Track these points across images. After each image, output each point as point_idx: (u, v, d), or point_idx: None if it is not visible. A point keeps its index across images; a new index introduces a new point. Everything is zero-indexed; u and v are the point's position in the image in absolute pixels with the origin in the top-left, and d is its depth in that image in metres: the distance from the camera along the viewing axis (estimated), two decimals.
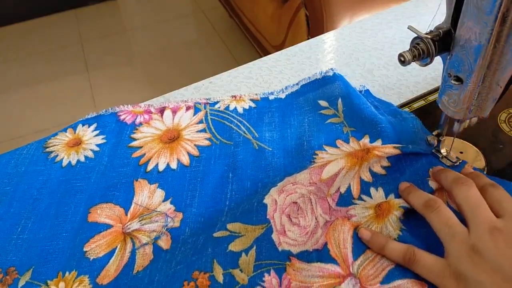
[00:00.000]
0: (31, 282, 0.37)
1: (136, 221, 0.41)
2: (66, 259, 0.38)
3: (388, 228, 0.37)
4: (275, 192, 0.40)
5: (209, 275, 0.35)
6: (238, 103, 0.52)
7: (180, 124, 0.50)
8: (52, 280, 0.37)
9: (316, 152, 0.46)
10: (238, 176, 0.44)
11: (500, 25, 0.30)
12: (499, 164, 0.43)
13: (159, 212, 0.42)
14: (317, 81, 0.53)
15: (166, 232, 0.40)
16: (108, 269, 0.38)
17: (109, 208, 0.42)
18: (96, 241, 0.39)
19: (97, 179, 0.45)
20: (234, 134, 0.49)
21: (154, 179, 0.44)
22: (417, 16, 0.68)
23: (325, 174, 0.41)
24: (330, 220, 0.39)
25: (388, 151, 0.42)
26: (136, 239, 0.40)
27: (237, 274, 0.35)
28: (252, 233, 0.37)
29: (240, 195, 0.42)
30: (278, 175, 0.43)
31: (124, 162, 0.46)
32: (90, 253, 0.39)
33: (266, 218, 0.38)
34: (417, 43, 0.35)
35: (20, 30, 2.16)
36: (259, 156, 0.46)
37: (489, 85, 0.35)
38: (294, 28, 1.24)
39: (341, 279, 0.35)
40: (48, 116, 1.67)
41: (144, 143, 0.48)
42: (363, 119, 0.47)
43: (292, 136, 0.48)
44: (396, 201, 0.39)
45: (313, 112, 0.50)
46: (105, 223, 0.41)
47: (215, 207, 0.42)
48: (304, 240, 0.38)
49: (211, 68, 1.79)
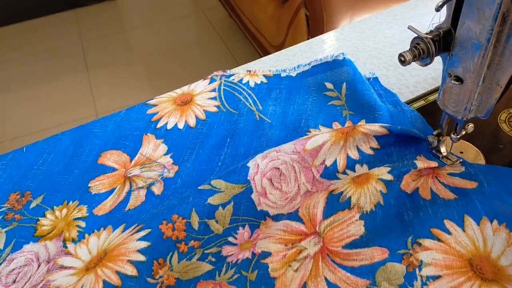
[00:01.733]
0: (41, 205, 0.44)
1: (138, 168, 0.46)
2: (72, 191, 0.45)
3: (366, 198, 0.38)
4: (259, 157, 0.42)
5: (186, 221, 0.39)
6: (252, 77, 0.56)
7: (194, 90, 0.55)
8: (57, 207, 0.43)
9: (310, 129, 0.48)
10: (235, 142, 0.48)
11: (500, 25, 0.30)
12: (499, 164, 0.43)
13: (159, 163, 0.47)
14: (327, 63, 0.56)
15: (160, 180, 0.45)
16: (105, 204, 0.43)
17: (117, 155, 0.48)
18: (101, 179, 0.45)
19: (113, 128, 0.51)
20: (240, 104, 0.53)
21: (161, 135, 0.49)
22: (417, 16, 0.68)
23: (309, 145, 0.43)
24: (310, 191, 0.41)
25: (374, 129, 0.43)
26: (133, 182, 0.45)
27: (212, 224, 0.39)
28: (232, 190, 0.41)
29: (232, 159, 0.46)
30: (271, 146, 0.46)
31: (138, 117, 0.52)
32: (93, 189, 0.44)
33: (247, 179, 0.41)
34: (417, 43, 0.35)
35: (20, 30, 2.16)
36: (258, 126, 0.49)
37: (489, 85, 0.35)
38: (294, 28, 1.24)
39: (303, 236, 0.37)
40: (48, 116, 1.67)
41: (159, 102, 0.54)
42: (363, 104, 0.49)
43: (293, 113, 0.51)
44: (375, 171, 0.40)
45: (318, 93, 0.53)
46: (111, 167, 0.47)
47: (207, 165, 0.46)
48: (283, 204, 0.41)
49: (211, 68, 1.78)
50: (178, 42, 1.99)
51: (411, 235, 0.36)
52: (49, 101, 1.74)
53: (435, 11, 0.33)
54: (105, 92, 1.76)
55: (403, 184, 0.40)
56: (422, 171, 0.41)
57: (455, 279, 0.33)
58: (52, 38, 2.08)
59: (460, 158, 0.42)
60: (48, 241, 0.40)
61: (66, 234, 0.41)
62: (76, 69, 1.88)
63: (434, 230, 0.36)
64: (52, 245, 0.40)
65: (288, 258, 0.35)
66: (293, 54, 0.62)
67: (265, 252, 0.36)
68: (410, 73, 0.57)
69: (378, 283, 0.33)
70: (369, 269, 0.34)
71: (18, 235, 0.41)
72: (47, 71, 1.89)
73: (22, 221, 0.42)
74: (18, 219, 0.42)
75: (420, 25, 0.36)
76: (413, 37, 0.36)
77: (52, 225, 0.42)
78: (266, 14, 1.39)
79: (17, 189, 0.45)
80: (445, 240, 0.36)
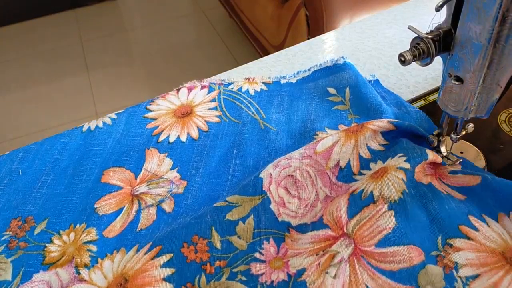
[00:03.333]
0: (46, 230, 0.41)
1: (144, 185, 0.44)
2: (78, 213, 0.42)
3: (390, 189, 0.37)
4: (270, 167, 0.41)
5: (208, 241, 0.38)
6: (251, 85, 0.55)
7: (193, 101, 0.53)
8: (64, 231, 0.41)
9: (317, 132, 0.47)
10: (242, 153, 0.47)
11: (500, 25, 0.30)
12: (499, 164, 0.43)
13: (166, 179, 0.45)
14: (328, 68, 0.55)
15: (170, 197, 0.43)
16: (115, 225, 0.41)
17: (121, 172, 0.46)
18: (107, 199, 0.43)
19: (113, 145, 0.48)
20: (243, 114, 0.51)
21: (164, 149, 0.47)
22: (417, 16, 0.68)
23: (320, 148, 0.42)
24: (330, 196, 0.40)
25: (382, 125, 0.43)
26: (142, 200, 0.43)
27: (235, 241, 0.37)
28: (249, 203, 0.39)
29: (241, 171, 0.45)
30: (280, 155, 0.45)
31: (138, 132, 0.50)
32: (100, 210, 0.42)
33: (262, 189, 0.40)
34: (417, 43, 0.35)
35: (20, 30, 2.16)
36: (264, 135, 0.48)
37: (489, 85, 0.35)
38: (294, 28, 1.24)
39: (332, 241, 0.35)
40: (48, 116, 1.67)
41: (158, 115, 0.52)
42: (369, 108, 0.49)
43: (298, 119, 0.50)
44: (392, 162, 0.39)
45: (321, 98, 0.52)
46: (116, 185, 0.44)
47: (217, 179, 0.44)
48: (304, 212, 0.39)
49: (211, 68, 1.79)
50: (178, 42, 1.99)
51: (440, 234, 0.36)
52: (49, 101, 1.74)
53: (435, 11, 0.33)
54: (105, 92, 1.76)
55: (416, 176, 0.39)
56: (426, 170, 0.40)
57: (494, 275, 0.33)
58: (52, 38, 2.08)
59: (461, 158, 0.42)
60: (59, 268, 0.38)
61: (77, 259, 0.38)
62: (76, 69, 1.88)
63: (463, 227, 0.36)
64: (64, 272, 0.38)
65: (323, 265, 0.34)
66: (293, 54, 0.62)
67: (300, 270, 0.34)
68: (410, 73, 0.57)
69: (422, 287, 0.33)
70: (410, 273, 0.33)
71: (26, 264, 0.38)
72: (47, 71, 1.89)
73: (28, 248, 0.40)
74: (24, 247, 0.40)
75: (420, 25, 0.36)
76: (413, 37, 0.36)
77: (61, 251, 0.39)
78: (266, 14, 1.39)
79: (17, 214, 0.42)
80: (474, 238, 0.35)
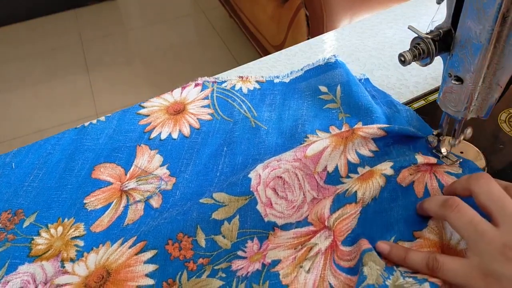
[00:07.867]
0: (35, 224, 0.42)
1: (134, 181, 0.45)
2: (67, 207, 0.43)
3: (371, 193, 0.38)
4: (260, 167, 0.42)
5: (192, 239, 0.38)
6: (244, 83, 0.55)
7: (186, 98, 0.53)
8: (52, 224, 0.42)
9: (307, 135, 0.48)
10: (232, 151, 0.47)
11: (500, 25, 0.30)
12: (499, 164, 0.43)
13: (155, 175, 0.45)
14: (320, 67, 0.55)
15: (158, 193, 0.44)
16: (102, 220, 0.42)
17: (111, 168, 0.46)
18: (96, 195, 0.44)
19: (105, 141, 0.49)
20: (235, 112, 0.51)
21: (155, 146, 0.48)
22: (417, 16, 0.68)
23: (310, 152, 0.42)
24: (317, 198, 0.40)
25: (372, 132, 0.43)
26: (130, 196, 0.43)
27: (220, 240, 0.38)
28: (235, 203, 0.40)
29: (230, 168, 0.45)
30: (269, 153, 0.45)
31: (131, 128, 0.50)
32: (89, 205, 0.43)
33: (250, 190, 0.40)
34: (417, 43, 0.35)
35: (20, 30, 2.16)
36: (254, 133, 0.48)
37: (489, 85, 0.35)
38: (294, 28, 1.24)
39: (312, 235, 0.36)
40: (48, 116, 1.67)
41: (151, 112, 0.52)
42: (359, 107, 0.49)
43: (289, 118, 0.50)
44: (379, 167, 0.40)
45: (313, 97, 0.52)
46: (106, 181, 0.45)
47: (206, 176, 0.45)
48: (290, 213, 0.40)
49: (211, 68, 1.79)
50: (178, 42, 1.99)
51: (394, 235, 0.37)
52: (49, 101, 1.74)
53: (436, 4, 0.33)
54: (105, 91, 1.76)
55: (399, 178, 0.40)
56: (421, 167, 0.41)
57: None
58: (52, 38, 2.08)
59: (460, 158, 0.42)
60: (45, 261, 0.39)
61: (64, 254, 0.39)
62: (76, 68, 1.88)
63: (417, 233, 0.37)
64: (49, 265, 0.38)
65: (299, 259, 0.34)
66: (293, 54, 0.62)
67: (275, 261, 0.35)
68: (410, 73, 0.57)
69: (364, 262, 0.33)
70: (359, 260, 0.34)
71: (12, 256, 0.39)
72: (47, 71, 1.89)
73: (15, 241, 0.40)
74: (11, 239, 0.40)
75: (420, 25, 0.36)
76: (413, 37, 0.36)
77: (48, 244, 0.40)
78: (266, 14, 1.39)
79: (8, 207, 0.43)
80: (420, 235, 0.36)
